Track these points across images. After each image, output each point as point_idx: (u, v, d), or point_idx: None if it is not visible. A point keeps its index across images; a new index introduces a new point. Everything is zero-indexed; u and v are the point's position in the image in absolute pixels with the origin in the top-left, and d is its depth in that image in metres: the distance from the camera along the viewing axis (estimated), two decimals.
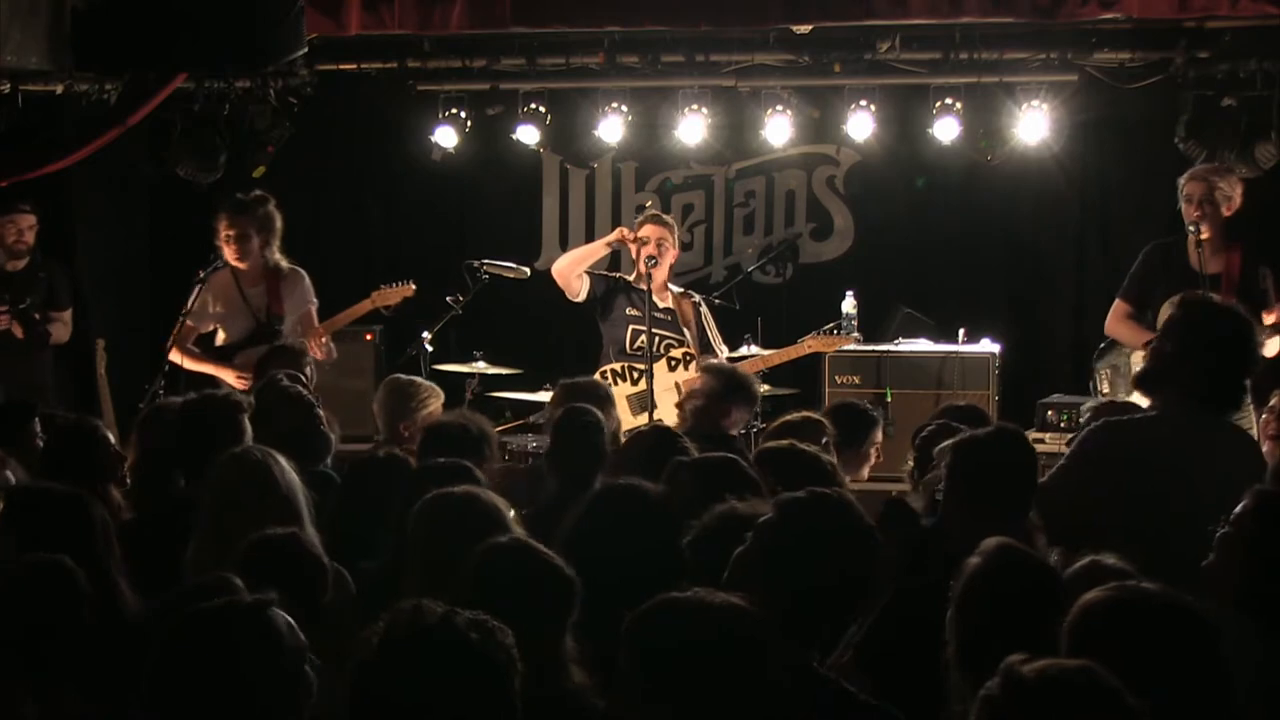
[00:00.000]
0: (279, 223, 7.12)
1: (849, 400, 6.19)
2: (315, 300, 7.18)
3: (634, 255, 7.36)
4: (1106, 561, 3.06)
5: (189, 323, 6.95)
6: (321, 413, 5.11)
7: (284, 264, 7.13)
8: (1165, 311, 6.23)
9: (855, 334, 7.75)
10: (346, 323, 7.28)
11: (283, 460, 3.87)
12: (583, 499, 3.76)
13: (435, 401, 5.72)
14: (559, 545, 3.48)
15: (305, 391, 5.20)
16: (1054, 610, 2.77)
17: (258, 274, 7.07)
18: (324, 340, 6.97)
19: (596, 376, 7.26)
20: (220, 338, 7.09)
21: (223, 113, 8.27)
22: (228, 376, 6.80)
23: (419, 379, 5.93)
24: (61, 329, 7.71)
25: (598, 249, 7.49)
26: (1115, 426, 4.27)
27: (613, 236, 7.43)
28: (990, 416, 5.26)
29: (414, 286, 7.35)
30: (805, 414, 5.34)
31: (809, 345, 7.50)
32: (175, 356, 6.90)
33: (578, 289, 7.41)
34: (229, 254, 6.98)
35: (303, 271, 7.19)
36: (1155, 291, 6.46)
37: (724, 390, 5.70)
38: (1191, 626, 2.56)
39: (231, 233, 6.97)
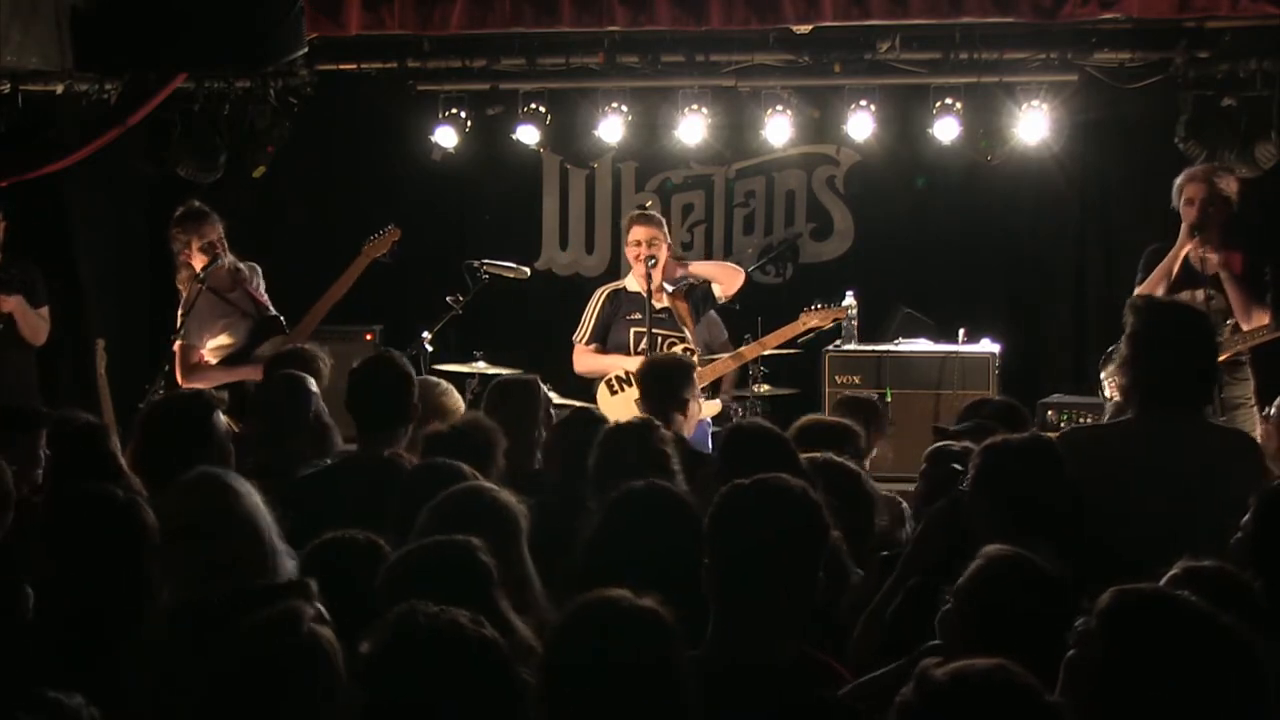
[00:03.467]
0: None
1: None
2: (262, 281, 7.20)
3: (631, 260, 7.38)
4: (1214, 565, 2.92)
5: (186, 342, 6.84)
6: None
7: (239, 263, 7.09)
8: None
9: (845, 306, 7.76)
10: (347, 287, 7.16)
11: (242, 483, 3.54)
12: (605, 500, 3.72)
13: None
14: (583, 547, 3.48)
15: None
16: (1058, 618, 2.74)
17: (228, 280, 7.05)
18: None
19: (602, 386, 7.29)
20: (223, 345, 7.03)
21: (223, 113, 8.28)
22: (253, 375, 6.73)
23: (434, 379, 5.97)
24: (41, 326, 7.43)
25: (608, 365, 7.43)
26: (1081, 433, 4.25)
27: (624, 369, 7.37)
28: (1026, 417, 5.21)
29: (399, 230, 7.31)
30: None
31: (805, 321, 7.50)
32: (195, 383, 6.68)
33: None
34: (201, 264, 6.87)
35: (253, 265, 7.18)
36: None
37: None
38: (1209, 630, 2.43)
39: (208, 240, 6.88)
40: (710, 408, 7.07)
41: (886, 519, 4.65)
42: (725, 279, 7.47)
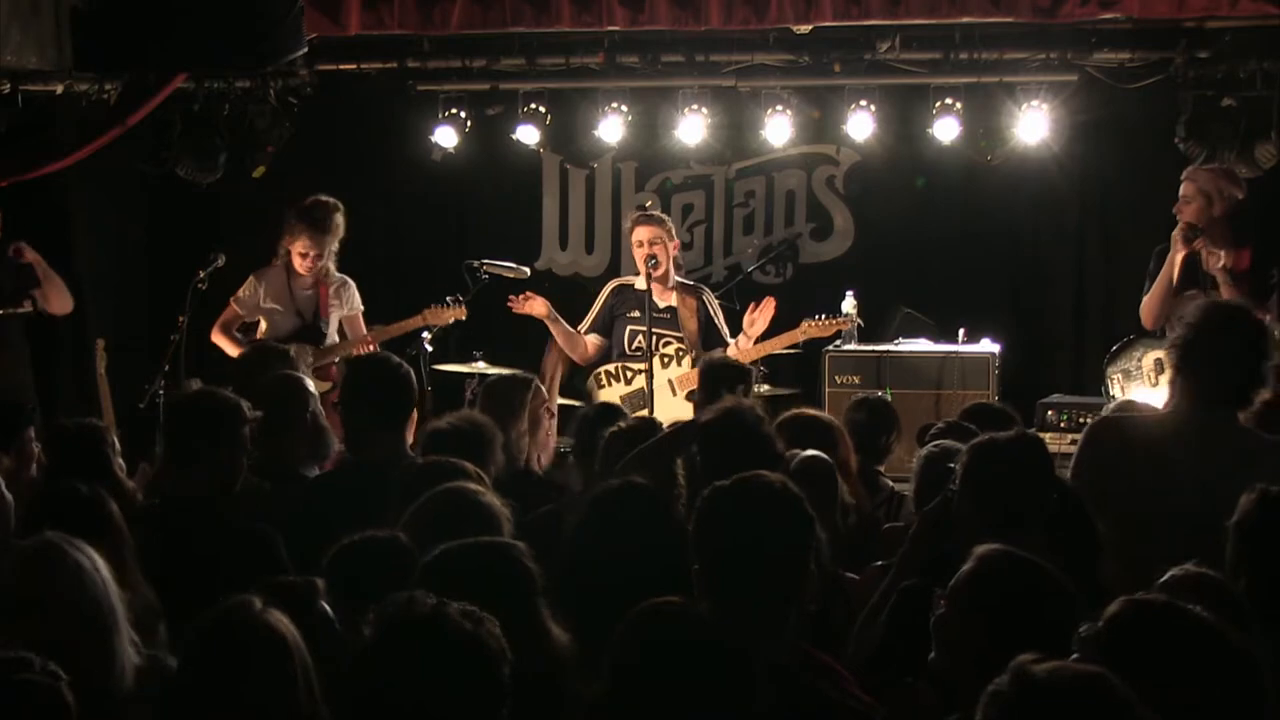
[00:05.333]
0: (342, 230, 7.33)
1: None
2: (361, 306, 7.44)
3: (635, 260, 7.39)
4: (1200, 572, 2.95)
5: (237, 309, 7.23)
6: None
7: (334, 270, 7.34)
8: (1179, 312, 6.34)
9: (849, 314, 7.74)
10: (397, 334, 7.38)
11: (88, 555, 3.08)
12: (581, 500, 3.74)
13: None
14: (564, 545, 3.49)
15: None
16: (1051, 615, 2.74)
17: (308, 278, 7.25)
18: (371, 347, 7.18)
19: (591, 380, 7.33)
20: (262, 329, 7.20)
21: (223, 113, 8.29)
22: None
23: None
24: (66, 293, 7.27)
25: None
26: (1114, 422, 4.26)
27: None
28: (1015, 419, 5.21)
29: (464, 311, 7.43)
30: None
31: (806, 330, 7.49)
32: (217, 339, 7.19)
33: (597, 345, 7.47)
34: (301, 266, 7.19)
35: (351, 280, 7.41)
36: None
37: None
38: (1216, 646, 2.47)
39: (314, 251, 7.15)
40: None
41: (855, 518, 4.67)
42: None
